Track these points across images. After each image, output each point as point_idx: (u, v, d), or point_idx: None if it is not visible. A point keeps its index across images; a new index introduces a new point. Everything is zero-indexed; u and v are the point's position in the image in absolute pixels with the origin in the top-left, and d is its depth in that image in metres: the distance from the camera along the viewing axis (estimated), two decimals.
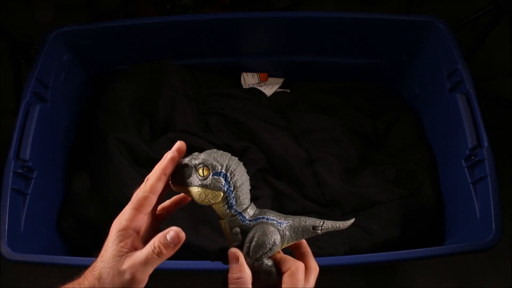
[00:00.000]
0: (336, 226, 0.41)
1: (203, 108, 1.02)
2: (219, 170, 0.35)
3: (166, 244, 0.36)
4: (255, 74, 1.09)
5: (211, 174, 0.35)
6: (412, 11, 1.35)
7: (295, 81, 1.10)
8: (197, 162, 0.36)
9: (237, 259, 0.37)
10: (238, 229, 0.37)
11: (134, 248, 0.36)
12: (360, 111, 1.04)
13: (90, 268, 0.36)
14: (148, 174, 0.38)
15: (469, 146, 0.78)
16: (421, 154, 0.94)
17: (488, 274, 0.98)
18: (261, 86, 1.08)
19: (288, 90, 1.09)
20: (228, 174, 0.36)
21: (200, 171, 0.35)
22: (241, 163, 0.37)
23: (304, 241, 0.40)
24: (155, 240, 0.36)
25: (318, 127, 0.99)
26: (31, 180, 0.78)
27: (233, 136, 0.97)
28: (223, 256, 0.39)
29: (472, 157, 0.78)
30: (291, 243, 0.39)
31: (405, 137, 0.98)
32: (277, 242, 0.37)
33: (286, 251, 0.40)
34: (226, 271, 0.38)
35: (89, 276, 0.35)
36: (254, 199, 0.87)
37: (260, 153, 0.94)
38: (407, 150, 0.96)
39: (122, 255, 0.35)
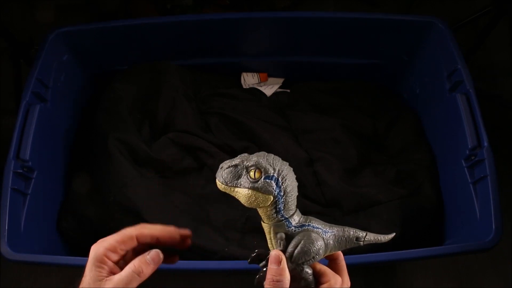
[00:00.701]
0: (378, 239, 0.41)
1: (203, 108, 1.02)
2: (271, 174, 0.35)
3: (146, 263, 0.37)
4: (255, 74, 1.09)
5: (262, 177, 0.35)
6: (412, 11, 1.35)
7: (295, 81, 1.10)
8: (249, 163, 0.35)
9: (279, 262, 0.36)
10: (283, 235, 0.37)
11: (112, 273, 0.37)
12: (360, 111, 1.04)
13: None
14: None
15: (469, 146, 0.78)
16: (421, 154, 0.94)
17: (488, 274, 0.99)
18: (261, 86, 1.08)
19: (288, 90, 1.09)
20: (279, 178, 0.35)
21: (252, 173, 0.35)
22: (292, 168, 0.37)
23: (341, 255, 0.40)
24: (135, 261, 0.37)
25: (318, 127, 0.99)
26: (31, 180, 0.78)
27: (233, 136, 0.97)
28: (260, 259, 0.39)
29: (472, 157, 0.78)
30: (334, 252, 0.39)
31: (405, 137, 0.98)
32: (321, 252, 0.37)
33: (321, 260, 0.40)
34: (254, 272, 0.38)
35: None
36: None
37: None
38: (407, 150, 0.96)
39: (101, 279, 0.36)
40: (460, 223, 0.82)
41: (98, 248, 0.37)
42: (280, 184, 0.35)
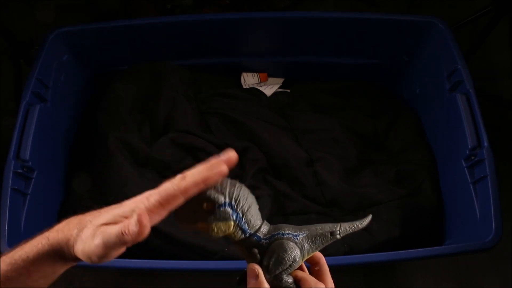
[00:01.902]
0: (354, 227, 0.39)
1: (203, 108, 1.02)
2: (223, 201, 0.34)
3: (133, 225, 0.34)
4: (255, 74, 1.09)
5: (216, 207, 0.34)
6: (412, 11, 1.35)
7: (295, 81, 1.10)
8: (200, 197, 0.34)
9: (256, 276, 0.36)
10: (256, 250, 0.36)
11: None
12: (360, 111, 1.04)
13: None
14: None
15: (469, 146, 0.78)
16: (421, 154, 0.94)
17: (488, 274, 0.98)
18: (261, 86, 1.08)
19: (288, 90, 1.09)
20: (232, 202, 0.34)
21: (204, 206, 0.34)
22: (242, 185, 0.36)
23: (322, 258, 0.39)
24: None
25: (318, 127, 0.99)
26: (31, 180, 0.78)
27: (233, 136, 0.97)
28: (245, 280, 0.38)
29: (472, 157, 0.78)
30: (312, 254, 0.38)
31: (405, 137, 0.98)
32: (297, 258, 0.36)
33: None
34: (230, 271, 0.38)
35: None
36: None
37: (260, 153, 0.94)
38: (407, 150, 0.96)
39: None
40: (460, 223, 0.82)
41: (139, 205, 0.34)
42: (235, 207, 0.34)
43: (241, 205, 0.35)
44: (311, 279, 0.37)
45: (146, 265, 0.69)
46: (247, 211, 0.35)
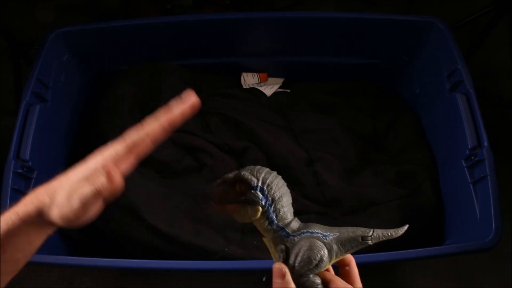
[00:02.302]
0: (388, 235, 0.39)
1: (203, 108, 1.02)
2: (255, 184, 0.34)
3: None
4: (255, 74, 1.09)
5: (247, 189, 0.34)
6: (412, 11, 1.35)
7: (295, 81, 1.10)
8: (230, 176, 0.35)
9: (283, 275, 0.34)
10: (283, 247, 0.35)
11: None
12: (360, 111, 1.04)
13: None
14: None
15: (469, 146, 0.78)
16: (421, 154, 0.94)
17: (488, 274, 0.99)
18: (261, 86, 1.08)
19: (288, 90, 1.09)
20: (264, 187, 0.34)
21: (237, 187, 0.34)
22: (279, 176, 0.36)
23: (353, 260, 0.39)
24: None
25: (318, 127, 0.99)
26: (31, 180, 0.78)
27: (233, 136, 0.97)
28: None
29: (472, 157, 0.78)
30: (341, 257, 0.37)
31: (405, 137, 0.98)
32: (324, 258, 0.35)
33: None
34: (254, 272, 0.37)
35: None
36: None
37: (260, 153, 0.94)
38: (407, 150, 0.96)
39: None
40: (460, 223, 0.82)
41: (105, 157, 0.36)
42: (266, 192, 0.34)
43: (272, 191, 0.35)
44: (339, 281, 0.36)
45: (146, 265, 0.69)
46: (278, 200, 0.35)
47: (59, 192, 0.35)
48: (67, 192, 0.35)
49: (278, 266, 0.35)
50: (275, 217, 0.35)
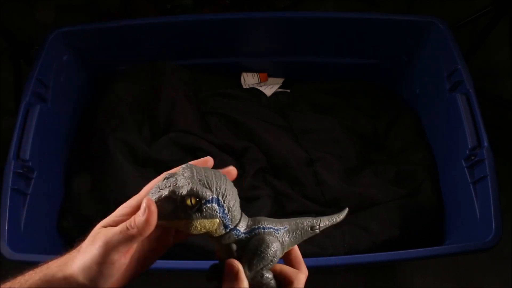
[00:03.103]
0: (333, 221, 0.39)
1: (204, 108, 1.02)
2: (210, 197, 0.31)
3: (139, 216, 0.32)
4: (255, 74, 1.09)
5: (204, 203, 0.31)
6: (411, 11, 1.35)
7: (295, 81, 1.10)
8: (183, 192, 0.31)
9: (236, 272, 0.33)
10: (234, 246, 0.34)
11: None
12: (360, 111, 1.04)
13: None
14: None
15: (469, 146, 0.78)
16: (421, 154, 0.94)
17: (488, 274, 0.98)
18: (261, 86, 1.08)
19: (288, 90, 1.09)
20: (220, 198, 0.32)
21: (189, 201, 0.31)
22: (225, 176, 0.34)
23: (296, 247, 0.38)
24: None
25: (318, 127, 0.99)
26: (31, 180, 0.78)
27: (233, 136, 0.97)
28: (217, 274, 0.35)
29: (472, 157, 0.78)
30: (291, 247, 0.37)
31: (405, 137, 0.98)
32: (278, 253, 0.34)
33: None
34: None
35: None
36: (254, 199, 0.88)
37: (260, 153, 0.94)
38: (407, 150, 0.96)
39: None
40: (460, 223, 0.82)
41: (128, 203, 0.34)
42: (222, 203, 0.32)
43: (227, 200, 0.33)
44: (288, 268, 0.36)
45: None
46: (232, 207, 0.33)
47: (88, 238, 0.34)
48: (94, 234, 0.33)
49: (231, 263, 0.33)
50: (230, 222, 0.33)
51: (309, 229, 0.37)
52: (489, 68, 1.28)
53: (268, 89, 1.08)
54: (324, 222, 0.38)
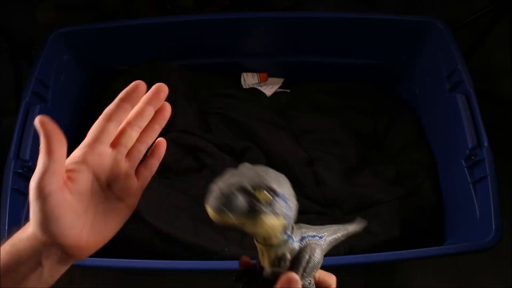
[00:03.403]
0: (357, 229, 0.40)
1: (204, 108, 1.02)
2: (281, 193, 0.30)
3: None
4: (255, 74, 1.09)
5: (275, 198, 0.29)
6: (411, 11, 1.35)
7: (295, 81, 1.10)
8: (259, 183, 0.29)
9: (296, 284, 0.31)
10: (289, 255, 0.32)
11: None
12: (360, 111, 1.04)
13: None
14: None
15: (469, 146, 0.78)
16: (421, 154, 0.94)
17: (488, 274, 0.99)
18: (261, 86, 1.08)
19: (288, 90, 1.09)
20: (286, 196, 0.30)
21: (263, 194, 0.29)
22: (285, 176, 0.32)
23: None
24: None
25: (318, 127, 0.99)
26: None
27: (234, 136, 0.97)
28: (251, 282, 0.34)
29: (472, 157, 0.78)
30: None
31: (405, 137, 0.98)
32: (322, 260, 0.34)
33: None
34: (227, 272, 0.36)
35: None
36: None
37: (260, 153, 0.94)
38: (407, 150, 0.96)
39: None
40: (460, 223, 0.82)
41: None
42: (288, 202, 0.30)
43: (293, 202, 0.31)
44: (326, 275, 0.36)
45: (146, 265, 0.69)
46: (295, 207, 0.31)
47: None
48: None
49: (291, 276, 0.31)
50: (291, 226, 0.32)
51: (341, 235, 0.37)
52: (489, 68, 1.28)
53: (268, 89, 1.08)
54: (350, 229, 0.39)
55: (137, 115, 0.35)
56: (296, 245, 0.32)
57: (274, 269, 0.33)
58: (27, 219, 0.77)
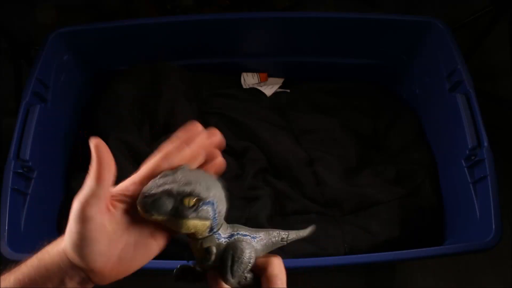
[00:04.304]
0: (299, 235, 0.40)
1: (204, 108, 1.02)
2: (208, 200, 0.32)
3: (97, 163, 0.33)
4: (255, 74, 1.09)
5: (200, 204, 0.32)
6: (411, 11, 1.35)
7: (295, 81, 1.10)
8: (185, 190, 0.32)
9: (220, 282, 0.34)
10: (214, 249, 0.35)
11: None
12: (360, 111, 1.04)
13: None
14: None
15: (469, 146, 0.78)
16: (421, 154, 0.94)
17: (488, 274, 0.98)
18: (261, 86, 1.08)
19: (288, 90, 1.09)
20: (215, 201, 0.33)
21: (187, 201, 0.32)
22: (217, 179, 0.35)
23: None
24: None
25: (318, 127, 0.99)
26: (31, 180, 0.78)
27: (234, 136, 0.97)
28: (187, 276, 0.37)
29: (472, 157, 0.78)
30: (260, 256, 0.38)
31: (405, 137, 0.98)
32: (253, 255, 0.36)
33: None
34: None
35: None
36: (254, 199, 0.88)
37: (260, 153, 0.94)
38: (407, 150, 0.96)
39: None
40: (460, 223, 0.82)
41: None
42: (216, 207, 0.33)
43: (220, 205, 0.34)
44: (261, 260, 0.36)
45: (146, 265, 0.69)
46: (221, 211, 0.34)
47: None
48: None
49: (213, 273, 0.34)
50: (215, 226, 0.34)
51: (280, 240, 0.39)
52: (489, 68, 1.28)
53: (268, 89, 1.08)
54: (292, 236, 0.40)
55: (191, 159, 0.36)
56: (223, 240, 0.35)
57: (203, 261, 0.35)
58: (27, 219, 0.78)
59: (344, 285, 0.98)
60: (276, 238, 0.38)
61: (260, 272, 0.36)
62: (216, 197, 0.33)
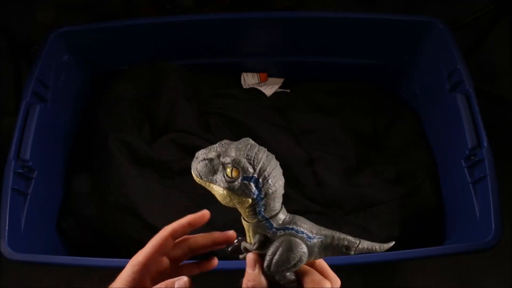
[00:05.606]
0: (373, 248, 0.36)
1: (204, 108, 1.02)
2: (250, 175, 0.30)
3: None
4: (255, 74, 1.09)
5: (240, 178, 0.30)
6: (411, 11, 1.35)
7: (295, 81, 1.10)
8: (226, 160, 0.31)
9: (254, 266, 0.34)
10: (262, 237, 0.33)
11: (143, 286, 0.36)
12: (360, 111, 1.04)
13: None
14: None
15: (469, 146, 0.78)
16: (421, 154, 0.94)
17: (488, 274, 0.99)
18: (261, 86, 1.08)
19: (288, 90, 1.09)
20: (260, 179, 0.31)
21: (228, 170, 0.30)
22: (278, 162, 0.33)
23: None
24: (163, 284, 0.35)
25: (318, 127, 0.99)
26: (31, 180, 0.78)
27: (234, 136, 0.97)
28: (241, 252, 0.37)
29: (472, 157, 0.78)
30: (318, 259, 0.35)
31: (405, 137, 0.98)
32: (304, 259, 0.33)
33: None
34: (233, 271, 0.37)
35: None
36: None
37: None
38: (407, 150, 0.96)
39: None
40: (460, 223, 0.82)
41: (137, 257, 0.38)
42: (261, 186, 0.31)
43: (268, 185, 0.31)
44: (314, 273, 0.34)
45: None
46: (271, 194, 0.31)
47: None
48: None
49: (252, 257, 0.34)
50: (263, 210, 0.32)
51: (344, 249, 0.35)
52: (489, 68, 1.28)
53: (268, 89, 1.08)
54: (363, 246, 0.36)
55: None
56: (275, 231, 0.33)
57: (247, 244, 0.35)
58: (27, 219, 0.78)
59: (343, 285, 0.97)
60: (341, 243, 0.35)
61: (304, 284, 0.34)
62: (263, 176, 0.31)
